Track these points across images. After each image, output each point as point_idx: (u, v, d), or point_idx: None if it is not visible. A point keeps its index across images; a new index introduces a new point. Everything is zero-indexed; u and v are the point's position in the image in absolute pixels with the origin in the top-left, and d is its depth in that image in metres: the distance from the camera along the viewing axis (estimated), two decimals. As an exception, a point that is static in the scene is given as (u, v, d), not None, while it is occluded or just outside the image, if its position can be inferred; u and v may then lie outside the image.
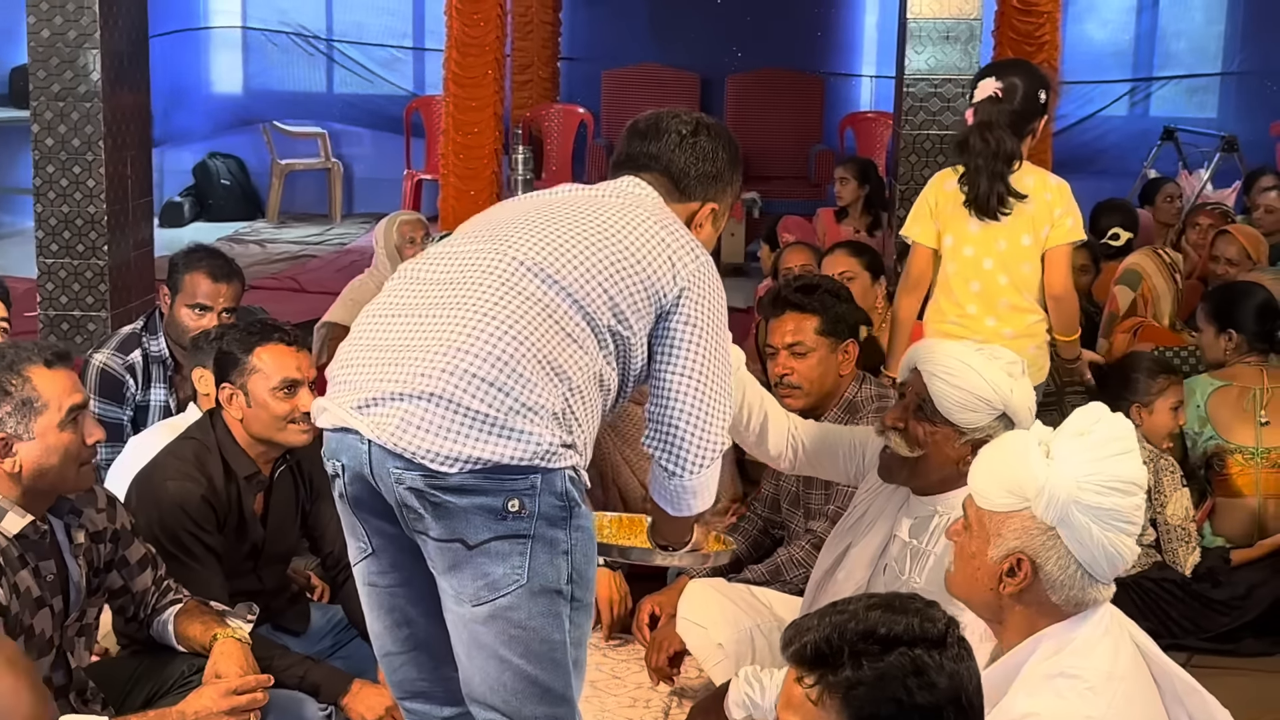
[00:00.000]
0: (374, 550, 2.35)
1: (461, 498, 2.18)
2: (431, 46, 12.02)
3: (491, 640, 2.24)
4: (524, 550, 2.22)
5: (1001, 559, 2.20)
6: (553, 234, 2.34)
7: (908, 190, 6.44)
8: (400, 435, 2.18)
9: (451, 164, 8.90)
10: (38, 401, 2.62)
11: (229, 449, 3.30)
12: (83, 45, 5.94)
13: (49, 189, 6.04)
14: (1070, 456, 2.21)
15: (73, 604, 2.78)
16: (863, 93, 12.41)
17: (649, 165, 2.57)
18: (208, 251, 4.41)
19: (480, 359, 2.20)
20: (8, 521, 2.62)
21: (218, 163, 11.86)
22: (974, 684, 1.79)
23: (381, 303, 2.39)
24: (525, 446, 2.19)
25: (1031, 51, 8.53)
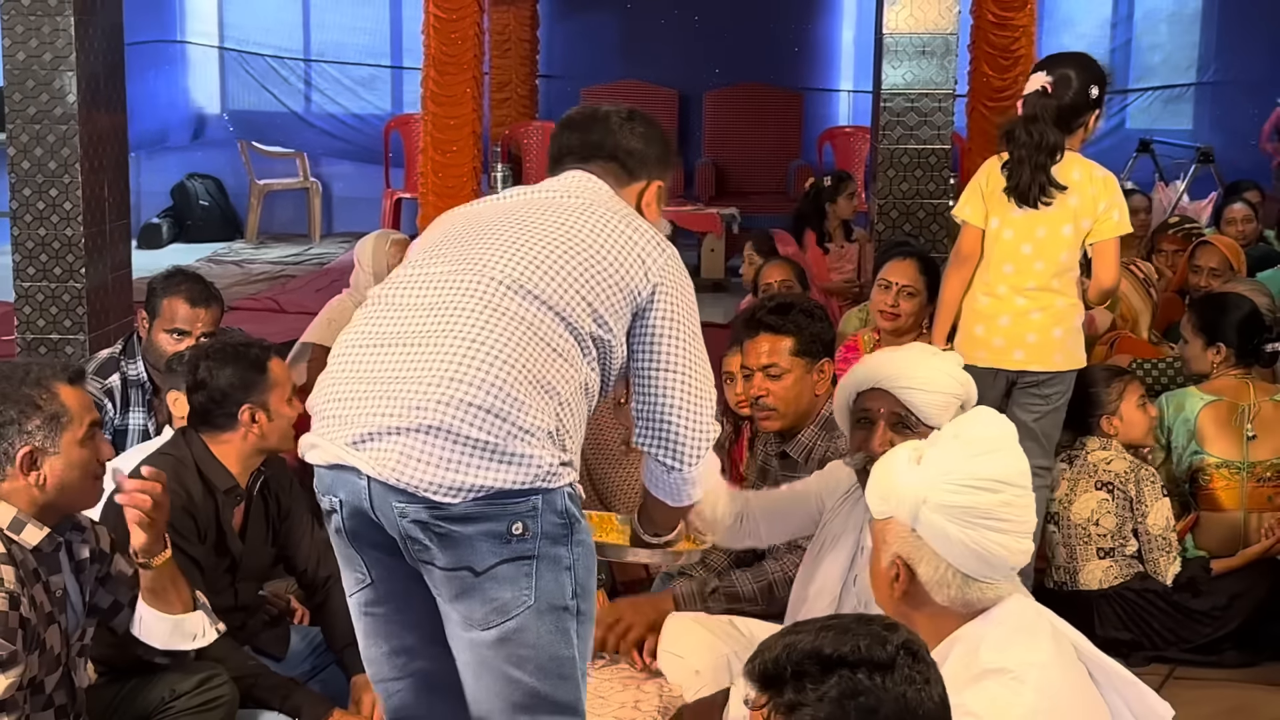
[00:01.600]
0: (373, 580, 2.35)
1: (466, 526, 2.20)
2: (409, 65, 12.02)
3: (501, 662, 2.25)
4: (530, 571, 2.23)
5: (888, 566, 2.25)
6: (526, 247, 2.35)
7: (886, 204, 6.46)
8: (402, 470, 2.19)
9: (430, 182, 8.87)
10: (65, 416, 2.66)
11: (206, 463, 3.31)
12: (58, 68, 5.92)
13: (25, 212, 6.01)
14: (936, 460, 2.24)
15: (74, 622, 2.79)
16: (840, 108, 12.46)
17: (594, 154, 2.60)
18: (186, 276, 4.40)
19: (475, 387, 2.21)
20: (27, 533, 2.64)
21: (196, 183, 11.84)
22: (930, 707, 1.75)
23: (359, 331, 2.38)
24: (527, 470, 2.21)
25: (1007, 65, 8.57)
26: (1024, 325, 4.02)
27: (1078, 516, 4.10)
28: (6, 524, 2.61)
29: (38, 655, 2.61)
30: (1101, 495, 4.08)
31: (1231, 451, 4.30)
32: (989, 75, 8.59)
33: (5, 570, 2.55)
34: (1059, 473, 4.18)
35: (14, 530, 2.62)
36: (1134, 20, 12.32)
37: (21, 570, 2.60)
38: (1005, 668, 2.14)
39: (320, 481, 2.32)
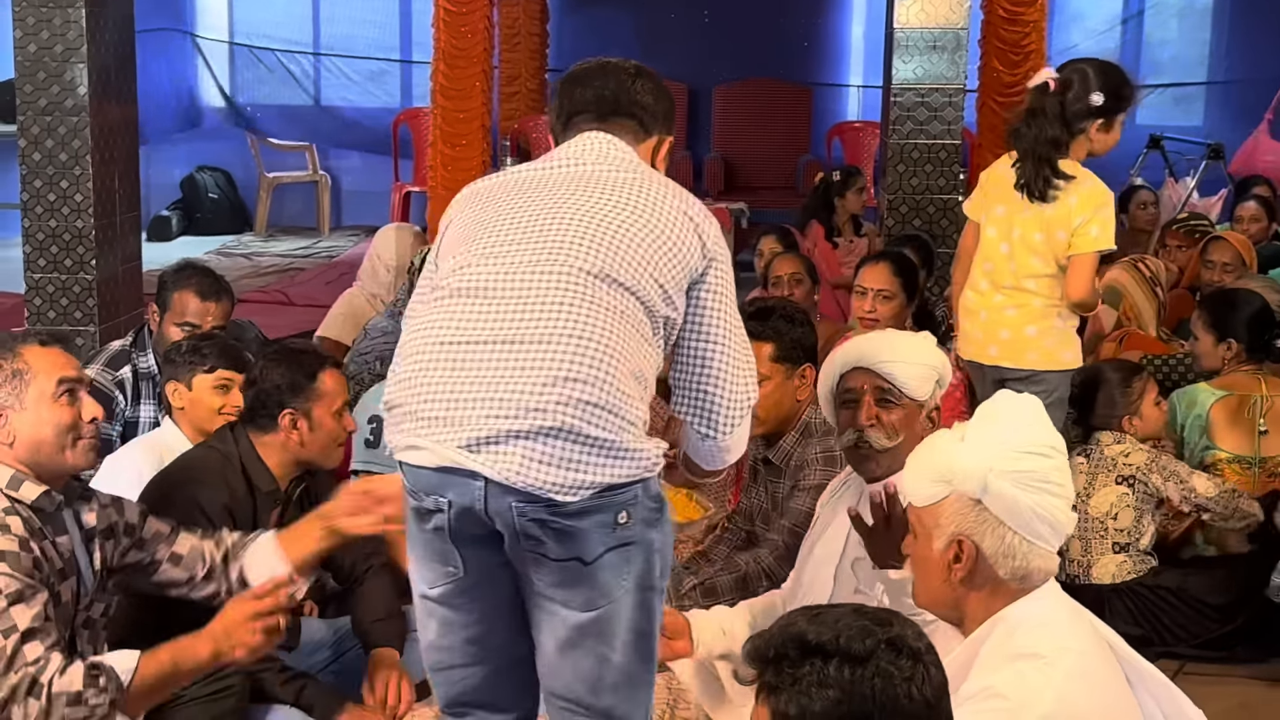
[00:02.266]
0: (465, 574, 2.35)
1: (581, 520, 2.25)
2: (419, 59, 12.02)
3: (594, 641, 2.31)
4: (629, 556, 2.30)
5: (945, 548, 2.27)
6: (601, 232, 2.36)
7: (895, 199, 6.45)
8: (525, 473, 2.22)
9: (440, 176, 8.85)
10: (27, 373, 2.71)
11: (251, 463, 3.33)
12: (69, 59, 5.93)
13: (36, 204, 6.02)
14: (983, 436, 2.30)
15: (83, 588, 2.82)
16: (850, 103, 12.44)
17: (611, 112, 2.58)
18: (197, 270, 4.40)
19: (591, 385, 2.24)
20: (24, 490, 2.70)
21: (205, 176, 11.84)
22: (907, 705, 1.73)
23: (443, 327, 2.34)
24: (636, 463, 2.27)
25: (1018, 61, 8.54)
26: (998, 321, 4.07)
27: (1096, 510, 4.09)
28: (4, 483, 2.68)
29: (53, 605, 2.66)
30: (1122, 490, 4.07)
31: (1243, 446, 4.30)
32: (999, 70, 8.56)
33: (12, 520, 2.63)
34: (1076, 466, 4.17)
35: (12, 487, 2.69)
36: (1144, 16, 12.29)
37: (27, 526, 2.66)
38: (1038, 652, 2.17)
39: (422, 482, 2.30)
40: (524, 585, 2.35)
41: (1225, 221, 7.38)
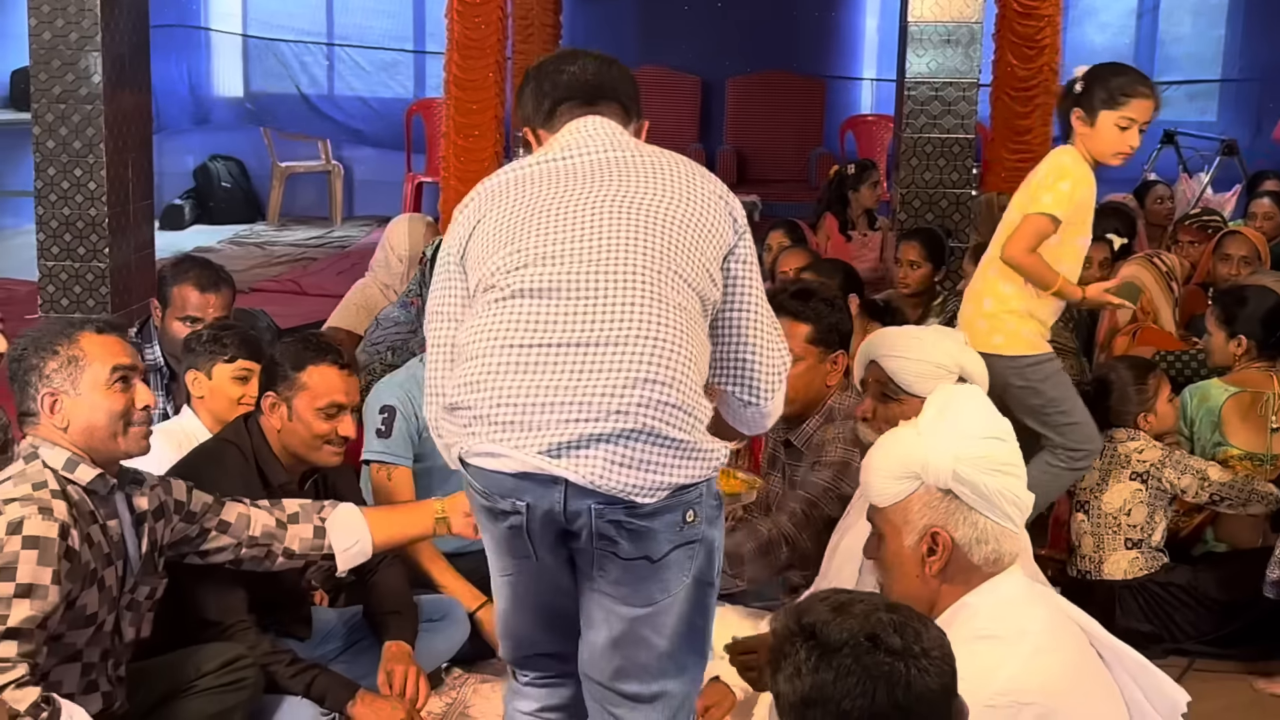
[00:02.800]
0: (537, 562, 2.37)
1: (653, 520, 2.27)
2: (432, 49, 12.02)
3: (649, 633, 2.35)
4: (692, 554, 2.33)
5: (917, 543, 2.29)
6: (654, 225, 2.37)
7: (908, 193, 6.44)
8: (608, 477, 2.23)
9: (453, 167, 8.85)
10: (82, 360, 2.79)
11: (264, 456, 3.34)
12: (84, 48, 5.94)
13: (50, 191, 6.03)
14: (940, 427, 2.33)
15: (129, 572, 2.87)
16: (863, 96, 12.41)
17: (597, 95, 2.58)
18: (194, 262, 4.40)
19: (668, 386, 2.26)
20: (80, 472, 2.78)
21: (218, 165, 11.85)
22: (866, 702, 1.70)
23: (512, 330, 2.32)
24: (706, 463, 2.31)
25: (1032, 55, 8.51)
26: (975, 307, 4.00)
27: (1109, 506, 4.08)
28: (61, 464, 2.76)
29: (96, 591, 2.75)
30: (1135, 486, 4.06)
31: (1255, 443, 4.28)
32: (1013, 65, 8.53)
33: (58, 504, 2.69)
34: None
35: (68, 470, 2.77)
36: (1159, 12, 12.25)
37: (76, 510, 2.72)
38: (995, 634, 2.19)
39: (498, 485, 2.30)
40: (583, 580, 2.38)
41: (1239, 218, 7.35)
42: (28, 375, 2.79)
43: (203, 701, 3.01)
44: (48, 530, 2.64)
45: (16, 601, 2.58)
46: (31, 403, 2.79)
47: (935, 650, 1.76)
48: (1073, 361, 4.89)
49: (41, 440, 2.79)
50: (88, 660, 2.80)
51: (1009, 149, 8.74)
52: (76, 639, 2.75)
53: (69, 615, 2.70)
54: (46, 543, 2.63)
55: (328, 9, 12.66)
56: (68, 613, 2.69)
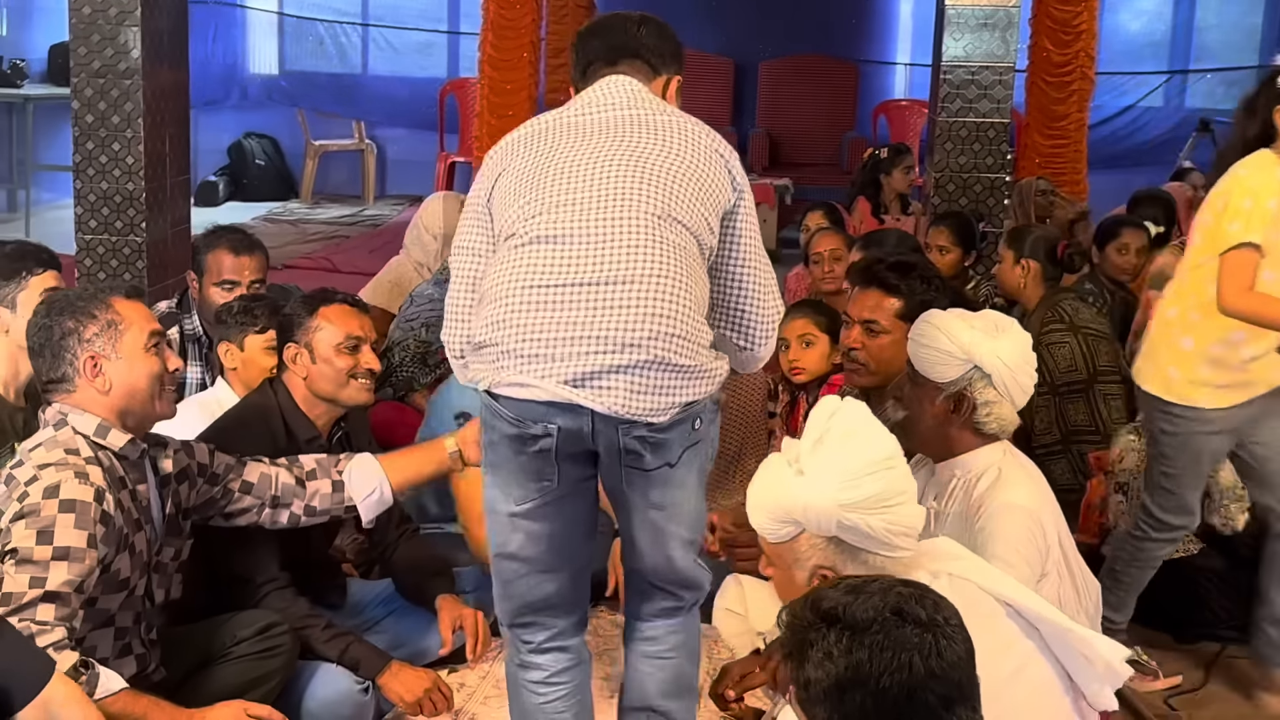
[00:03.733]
0: (557, 485, 2.61)
1: (670, 432, 2.55)
2: (466, 30, 12.02)
3: (675, 527, 2.65)
4: (697, 453, 2.62)
5: (808, 580, 2.33)
6: (657, 176, 2.61)
7: (942, 177, 6.41)
8: (628, 403, 2.50)
9: (486, 147, 8.87)
10: (121, 324, 2.81)
11: (290, 412, 3.36)
12: (123, 23, 5.95)
13: (88, 165, 6.06)
14: (818, 468, 2.31)
15: (154, 535, 2.90)
16: (896, 80, 12.36)
17: (621, 55, 2.85)
18: (226, 229, 4.43)
19: (675, 319, 2.51)
20: (112, 437, 2.81)
21: (252, 143, 11.89)
22: (905, 675, 1.70)
23: (531, 271, 2.56)
24: (712, 381, 2.59)
25: (1068, 40, 8.49)
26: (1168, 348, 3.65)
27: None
28: (92, 430, 2.78)
29: (128, 556, 2.77)
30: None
31: None
32: (1049, 50, 8.52)
33: (93, 470, 2.72)
34: (1128, 445, 4.13)
35: (99, 435, 2.79)
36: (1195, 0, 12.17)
37: (108, 475, 2.75)
38: None
39: (530, 412, 2.53)
40: (617, 496, 2.66)
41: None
42: (63, 340, 2.78)
43: (239, 668, 3.03)
44: (84, 494, 2.67)
45: (54, 565, 2.61)
46: (68, 368, 2.79)
47: (953, 619, 1.77)
48: (1106, 347, 4.86)
49: (70, 407, 2.80)
50: (120, 625, 2.83)
51: (1044, 134, 8.74)
52: (110, 604, 2.77)
53: (103, 579, 2.72)
54: (83, 506, 2.66)
55: (363, -11, 12.69)
56: (102, 577, 2.71)
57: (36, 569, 2.60)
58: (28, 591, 2.59)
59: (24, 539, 2.61)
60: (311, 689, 3.16)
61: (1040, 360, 4.72)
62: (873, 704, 1.69)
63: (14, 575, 2.60)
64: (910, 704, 1.69)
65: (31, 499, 2.66)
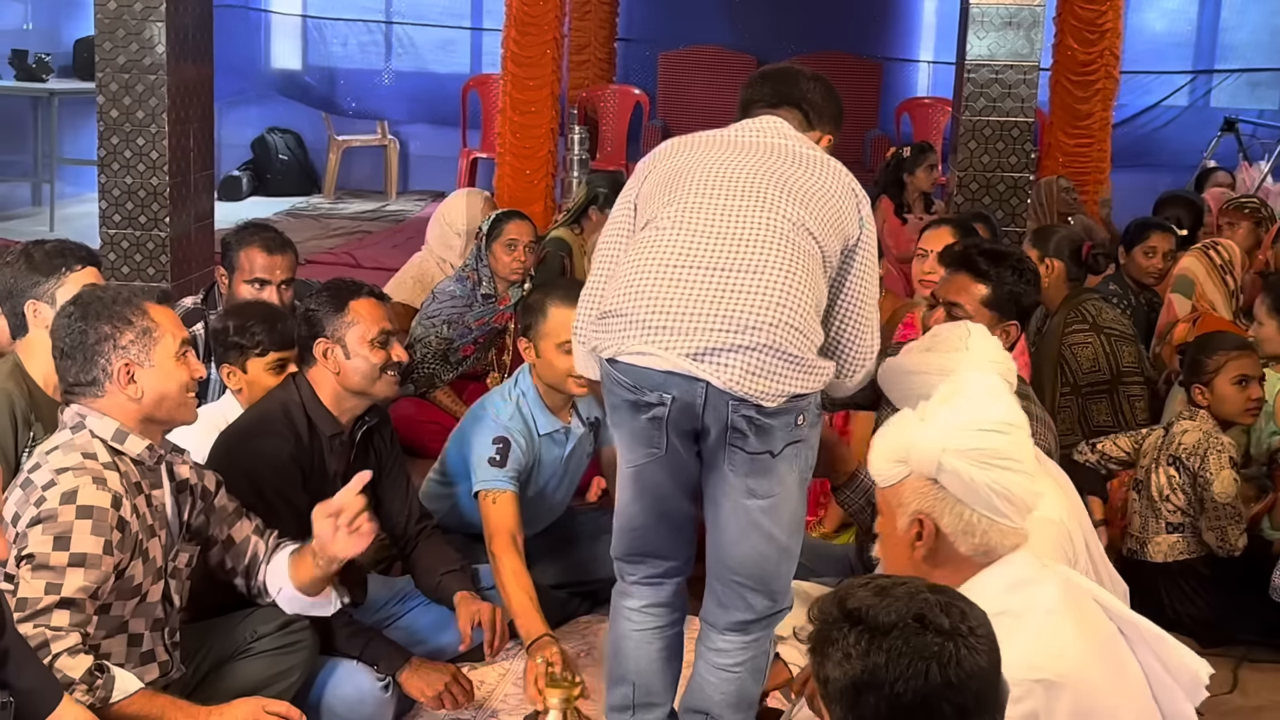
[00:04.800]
0: (666, 453, 2.75)
1: (776, 419, 2.68)
2: (489, 26, 12.02)
3: (769, 524, 2.75)
4: (799, 453, 2.75)
5: (907, 526, 2.33)
6: (795, 190, 2.79)
7: (965, 176, 6.38)
8: (743, 382, 2.63)
9: (508, 143, 8.88)
10: (155, 331, 2.80)
11: (313, 408, 3.36)
12: (148, 18, 5.97)
13: (113, 160, 6.08)
14: (941, 415, 2.35)
15: (170, 540, 2.89)
16: (920, 78, 12.32)
17: (782, 102, 3.04)
18: (258, 227, 4.43)
19: (795, 311, 2.67)
20: (129, 444, 2.79)
21: (276, 137, 11.90)
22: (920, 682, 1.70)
23: (665, 250, 2.75)
24: (820, 377, 2.72)
25: (1093, 39, 8.45)
26: None
27: (1154, 490, 4.03)
28: (110, 435, 2.76)
29: (142, 562, 2.75)
30: (1171, 471, 4.00)
31: None
32: (1074, 49, 8.47)
33: (110, 475, 2.70)
34: (1153, 443, 4.10)
35: (117, 441, 2.77)
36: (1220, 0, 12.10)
37: (125, 480, 2.73)
38: (1007, 609, 2.18)
39: (648, 380, 2.69)
40: (715, 479, 2.76)
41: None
42: (97, 346, 2.75)
43: (260, 664, 3.03)
44: (101, 500, 2.65)
45: (70, 571, 2.60)
46: (99, 373, 2.76)
47: (981, 629, 1.76)
48: (1130, 348, 4.83)
49: (89, 410, 2.77)
50: (134, 631, 2.81)
51: (1068, 133, 8.70)
52: (122, 610, 2.76)
53: (117, 586, 2.70)
54: (100, 512, 2.64)
55: (386, -14, 12.71)
56: (116, 583, 2.70)
57: (53, 575, 2.59)
58: (44, 598, 2.58)
59: (41, 544, 2.60)
60: (333, 686, 3.17)
61: (1063, 360, 4.76)
62: (886, 708, 1.70)
63: (30, 581, 2.59)
64: (925, 711, 1.69)
65: (49, 504, 2.64)
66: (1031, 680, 2.12)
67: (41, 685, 2.38)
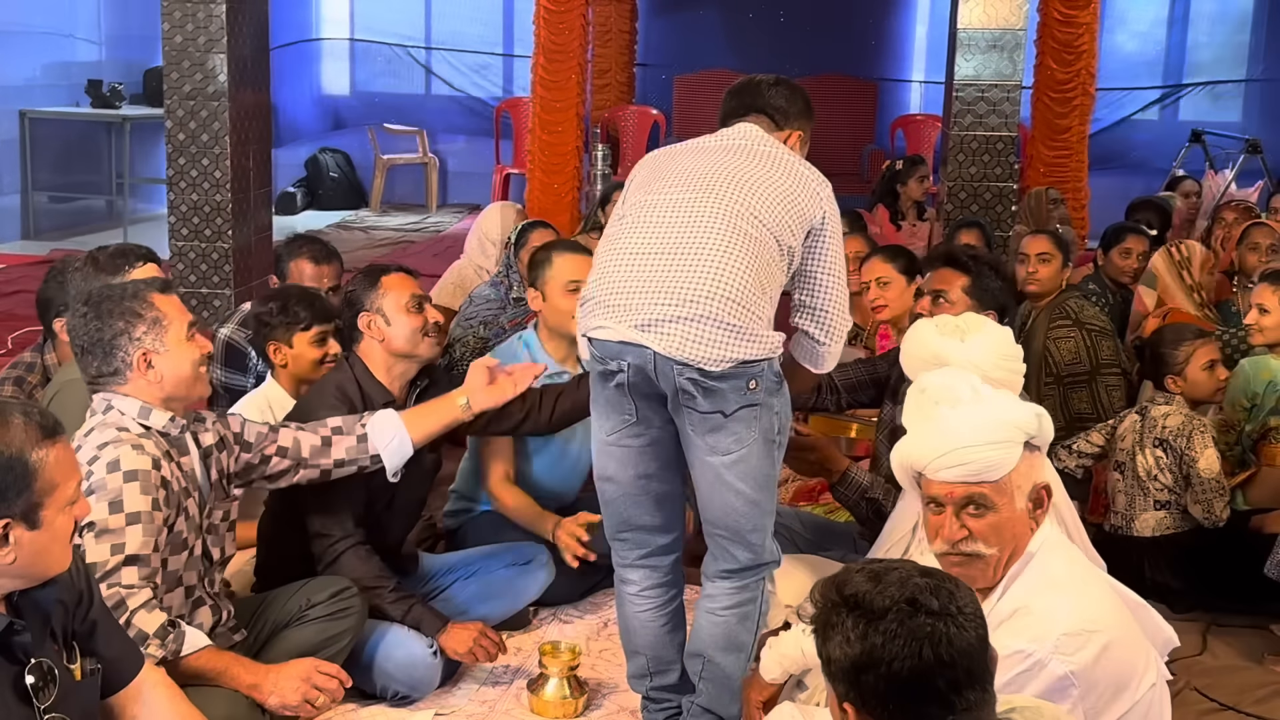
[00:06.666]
0: (637, 420, 2.85)
1: (723, 382, 2.73)
2: (520, 53, 12.04)
3: (733, 479, 2.80)
4: (757, 415, 2.78)
5: (1030, 499, 2.32)
6: (747, 183, 2.87)
7: (954, 186, 6.38)
8: (683, 348, 2.72)
9: (538, 159, 8.90)
10: (164, 319, 2.81)
11: (365, 379, 3.38)
12: (211, 50, 6.01)
13: (180, 179, 6.12)
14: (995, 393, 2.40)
15: (204, 500, 2.91)
16: (912, 96, 12.29)
17: (750, 110, 3.10)
18: (306, 239, 4.45)
19: (732, 286, 2.74)
20: (154, 418, 2.81)
21: (327, 157, 11.94)
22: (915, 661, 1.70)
23: (627, 241, 2.87)
24: (762, 345, 2.76)
25: (1070, 60, 8.43)
26: None
27: (1140, 470, 4.01)
28: (135, 413, 2.79)
29: (184, 519, 2.79)
30: (1158, 453, 3.98)
31: None
32: (1053, 69, 8.46)
33: (146, 442, 2.74)
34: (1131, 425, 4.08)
35: (142, 417, 2.80)
36: (1189, 19, 12.02)
37: (158, 446, 2.76)
38: (1061, 576, 2.26)
39: (606, 350, 2.81)
40: (684, 439, 2.82)
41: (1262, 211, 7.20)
42: (115, 340, 2.76)
43: (314, 629, 3.05)
44: (143, 463, 2.68)
45: (129, 530, 2.62)
46: (120, 364, 2.77)
47: (968, 607, 1.76)
48: (1108, 342, 4.81)
49: (114, 394, 2.79)
50: (187, 584, 2.84)
51: (1048, 146, 8.68)
52: (176, 565, 2.78)
53: (170, 540, 2.73)
54: (144, 475, 2.67)
55: (426, 16, 12.73)
56: (168, 538, 2.73)
57: (114, 536, 2.62)
58: (110, 558, 2.61)
59: (98, 512, 2.61)
60: (386, 651, 3.19)
61: (1046, 353, 4.75)
62: (885, 686, 1.71)
63: (95, 546, 2.61)
64: (921, 686, 1.71)
65: (97, 476, 2.67)
66: (1090, 631, 2.18)
67: (126, 653, 2.40)
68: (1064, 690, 2.15)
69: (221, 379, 4.25)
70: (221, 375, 4.25)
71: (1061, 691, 2.15)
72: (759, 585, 2.92)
